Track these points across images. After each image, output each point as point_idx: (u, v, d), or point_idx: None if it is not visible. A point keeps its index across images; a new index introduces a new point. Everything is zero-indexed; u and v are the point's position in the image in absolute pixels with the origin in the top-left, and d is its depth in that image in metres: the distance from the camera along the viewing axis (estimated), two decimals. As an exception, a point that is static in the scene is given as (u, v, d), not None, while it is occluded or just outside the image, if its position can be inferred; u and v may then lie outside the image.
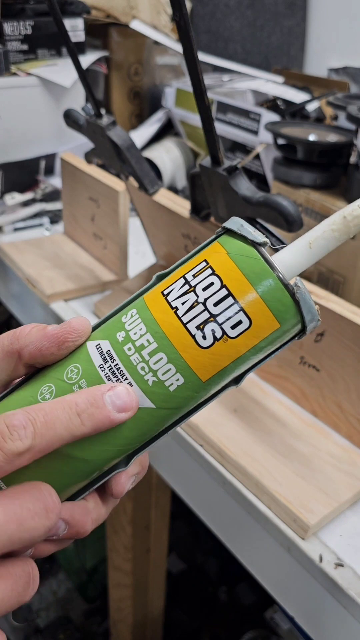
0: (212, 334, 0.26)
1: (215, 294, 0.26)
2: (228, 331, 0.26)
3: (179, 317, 0.27)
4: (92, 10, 1.22)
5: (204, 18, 1.50)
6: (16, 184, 1.11)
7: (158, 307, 0.27)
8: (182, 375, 0.27)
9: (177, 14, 0.41)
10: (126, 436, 0.27)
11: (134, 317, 0.27)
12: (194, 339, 0.26)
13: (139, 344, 0.27)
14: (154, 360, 0.27)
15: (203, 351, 0.27)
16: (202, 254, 0.28)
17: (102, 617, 1.28)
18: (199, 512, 0.65)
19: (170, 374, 0.27)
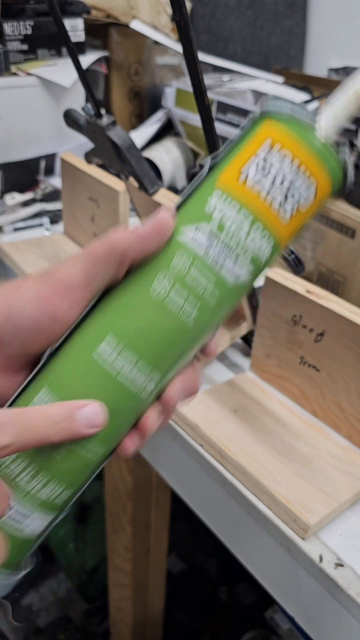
0: (291, 208, 0.30)
1: (290, 172, 0.29)
2: (302, 203, 0.30)
3: (262, 197, 0.29)
4: (92, 10, 1.22)
5: (204, 18, 1.50)
6: (16, 184, 1.11)
7: (240, 192, 0.30)
8: (270, 247, 0.31)
9: (177, 14, 0.41)
10: (231, 307, 0.32)
11: (220, 205, 0.30)
12: (278, 214, 0.30)
13: (234, 228, 0.30)
14: (249, 239, 0.30)
15: (284, 223, 0.30)
16: (260, 135, 0.30)
17: (102, 617, 1.28)
18: (199, 512, 0.66)
19: (261, 248, 0.30)
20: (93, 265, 0.30)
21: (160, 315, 0.30)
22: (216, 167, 0.31)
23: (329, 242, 0.80)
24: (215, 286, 0.30)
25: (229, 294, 0.31)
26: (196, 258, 0.30)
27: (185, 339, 0.31)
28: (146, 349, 0.30)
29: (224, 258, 0.30)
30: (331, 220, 0.79)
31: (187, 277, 0.30)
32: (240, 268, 0.30)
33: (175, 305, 0.30)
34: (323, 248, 0.81)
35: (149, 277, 0.30)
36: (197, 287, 0.30)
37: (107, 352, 0.30)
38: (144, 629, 1.09)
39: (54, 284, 0.31)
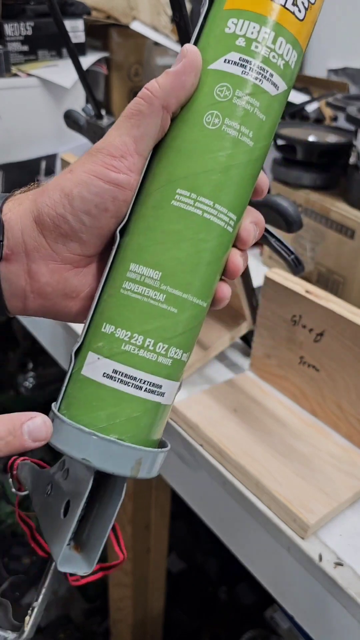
0: (303, 5, 0.31)
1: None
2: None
3: (277, 1, 0.30)
4: (93, 11, 1.22)
5: (204, 19, 1.50)
6: (17, 185, 1.10)
7: (254, 4, 0.30)
8: (295, 50, 0.31)
9: (177, 15, 0.41)
10: (276, 122, 0.32)
11: (239, 23, 0.30)
12: (294, 15, 0.31)
13: (261, 39, 0.30)
14: (278, 46, 0.30)
15: (301, 23, 0.31)
16: None
17: (102, 616, 1.28)
18: (199, 512, 0.66)
19: (289, 53, 0.31)
20: (138, 124, 0.30)
21: (223, 145, 0.30)
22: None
23: (329, 243, 0.80)
24: (261, 100, 0.30)
25: (275, 104, 0.31)
26: (236, 78, 0.30)
27: (252, 160, 0.31)
28: (218, 191, 0.30)
29: (261, 69, 0.30)
30: (331, 220, 0.79)
31: (234, 99, 0.30)
32: (278, 75, 0.31)
33: (234, 129, 0.30)
34: (323, 248, 0.81)
35: (199, 114, 0.30)
36: (247, 106, 0.30)
37: (184, 203, 0.30)
38: (144, 629, 1.09)
39: (104, 157, 0.30)
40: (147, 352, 0.30)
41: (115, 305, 0.31)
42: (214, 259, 0.31)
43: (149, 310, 0.30)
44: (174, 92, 0.29)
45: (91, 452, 0.30)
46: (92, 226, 0.31)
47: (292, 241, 0.85)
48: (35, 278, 0.32)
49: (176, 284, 0.30)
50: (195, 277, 0.31)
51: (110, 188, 0.30)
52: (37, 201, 0.32)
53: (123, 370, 0.30)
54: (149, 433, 0.32)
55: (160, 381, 0.31)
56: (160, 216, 0.30)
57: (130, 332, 0.30)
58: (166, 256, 0.30)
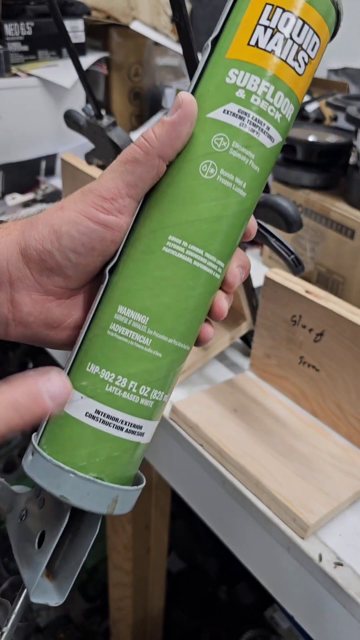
0: (303, 60, 0.31)
1: (295, 27, 0.31)
2: (310, 54, 0.32)
3: (278, 56, 0.31)
4: (93, 11, 1.22)
5: (204, 19, 1.50)
6: (17, 185, 1.11)
7: (256, 57, 0.31)
8: (293, 104, 0.32)
9: (177, 15, 0.41)
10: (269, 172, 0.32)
11: (240, 74, 0.31)
12: (294, 70, 0.31)
13: (261, 92, 0.30)
14: (276, 100, 0.31)
15: (300, 77, 0.32)
16: (258, 2, 0.31)
17: (102, 616, 1.28)
18: (199, 512, 0.66)
19: (287, 107, 0.31)
20: (133, 171, 0.30)
21: (217, 195, 0.31)
22: (219, 42, 0.32)
23: (329, 243, 0.80)
24: (257, 152, 0.31)
25: (269, 156, 0.32)
26: (234, 130, 0.30)
27: (243, 210, 0.32)
28: (209, 239, 0.31)
29: (258, 122, 0.31)
30: (331, 220, 0.79)
31: (231, 150, 0.30)
32: (274, 129, 0.31)
33: (228, 180, 0.31)
34: (323, 248, 0.81)
35: (195, 162, 0.31)
36: (242, 157, 0.31)
37: (175, 250, 0.31)
38: (144, 629, 1.09)
39: (95, 198, 0.31)
40: (130, 395, 0.31)
41: (101, 346, 0.31)
42: (200, 305, 0.32)
43: (134, 353, 0.31)
44: (170, 142, 0.30)
45: (69, 489, 0.30)
46: (78, 263, 0.31)
47: (292, 241, 0.85)
48: (17, 307, 0.32)
49: (162, 329, 0.31)
50: (181, 322, 0.31)
51: (99, 229, 0.31)
52: (25, 234, 0.32)
53: (105, 411, 0.30)
54: (127, 471, 0.32)
55: (141, 422, 0.31)
56: (151, 261, 0.31)
57: (114, 374, 0.30)
58: (154, 302, 0.31)
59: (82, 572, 1.11)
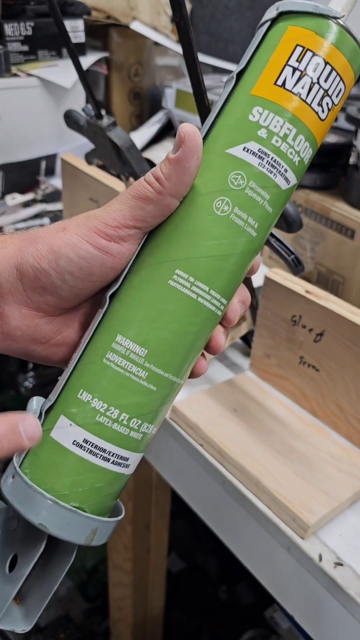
0: (327, 106, 0.31)
1: (323, 72, 0.30)
2: (334, 100, 0.31)
3: (303, 100, 0.30)
4: (93, 11, 1.22)
5: (204, 19, 1.50)
6: (17, 185, 1.11)
7: (282, 98, 0.30)
8: (312, 148, 0.32)
9: (177, 15, 0.41)
10: (280, 212, 0.32)
11: (264, 113, 0.30)
12: (317, 115, 0.31)
13: (283, 134, 0.30)
14: (297, 143, 0.31)
15: (322, 122, 0.31)
16: (287, 42, 0.31)
17: (103, 616, 1.28)
18: (199, 512, 0.66)
19: (306, 150, 0.31)
20: (143, 207, 0.30)
21: (229, 233, 0.30)
22: (245, 77, 0.31)
23: (329, 243, 0.80)
24: (272, 193, 0.31)
25: (282, 198, 0.32)
26: (252, 169, 0.30)
27: (252, 249, 0.31)
28: (216, 277, 0.31)
29: (277, 164, 0.30)
30: (331, 220, 0.79)
31: (247, 189, 0.30)
32: (291, 171, 0.31)
33: (241, 219, 0.30)
34: (323, 248, 0.81)
35: (209, 198, 0.30)
36: (257, 198, 0.30)
37: (181, 285, 0.30)
38: (144, 628, 1.09)
39: (99, 224, 0.30)
40: (120, 426, 0.30)
41: (95, 374, 0.30)
42: (198, 341, 0.32)
43: (129, 385, 0.30)
44: (180, 180, 0.29)
45: (48, 518, 0.29)
46: (74, 286, 0.31)
47: (292, 241, 0.85)
48: (5, 320, 0.32)
49: (159, 363, 0.30)
50: (178, 357, 0.31)
51: (99, 254, 0.30)
52: (23, 249, 0.31)
53: (94, 441, 0.30)
54: (108, 501, 0.32)
55: (128, 454, 0.31)
56: (154, 293, 0.30)
57: (106, 405, 0.30)
58: (154, 335, 0.30)
59: (82, 572, 1.11)
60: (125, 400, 0.30)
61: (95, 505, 0.31)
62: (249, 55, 0.31)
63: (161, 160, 0.30)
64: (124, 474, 0.32)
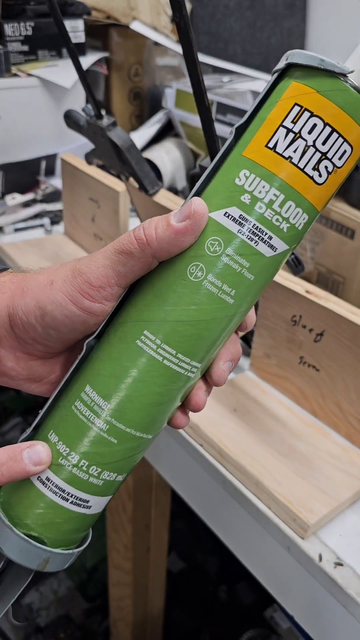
0: (326, 170, 0.29)
1: (321, 134, 0.28)
2: (336, 163, 0.29)
3: (295, 164, 0.28)
4: (93, 11, 1.22)
5: (204, 19, 1.50)
6: (17, 185, 1.11)
7: (271, 161, 0.29)
8: (307, 214, 0.30)
9: (177, 15, 0.41)
10: (270, 279, 0.31)
11: (250, 177, 0.29)
12: (312, 179, 0.29)
13: (268, 200, 0.29)
14: (285, 210, 0.29)
15: (320, 187, 0.29)
16: (287, 99, 0.29)
17: (103, 616, 1.28)
18: (199, 512, 0.66)
19: (298, 216, 0.29)
20: (125, 263, 0.30)
21: (199, 300, 0.30)
22: (243, 134, 0.30)
23: (329, 243, 0.80)
24: (252, 261, 0.30)
25: (267, 266, 0.30)
26: (230, 235, 0.29)
27: (228, 315, 0.31)
28: (184, 342, 0.30)
29: (259, 231, 0.29)
30: (331, 220, 0.79)
31: (223, 256, 0.29)
32: (278, 238, 0.30)
33: (214, 286, 0.30)
34: (323, 248, 0.81)
35: (185, 262, 0.30)
36: (234, 265, 0.29)
37: (147, 346, 0.30)
38: (144, 628, 1.09)
39: (84, 285, 0.31)
40: (79, 471, 0.31)
41: (63, 418, 0.32)
42: (167, 401, 0.31)
43: (90, 434, 0.31)
44: (168, 248, 0.29)
45: (6, 542, 0.31)
46: (59, 339, 0.33)
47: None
48: (1, 361, 0.34)
49: (121, 419, 0.31)
50: (141, 415, 0.31)
51: (82, 314, 0.31)
52: (15, 299, 0.33)
53: (55, 481, 0.31)
54: (71, 535, 0.33)
55: (88, 497, 0.32)
56: (123, 350, 0.31)
57: (69, 449, 0.31)
58: (118, 391, 0.31)
59: (82, 571, 1.11)
60: (85, 449, 0.31)
61: (55, 538, 0.32)
62: (251, 110, 0.30)
63: (161, 160, 0.30)
64: (85, 513, 0.32)
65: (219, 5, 1.50)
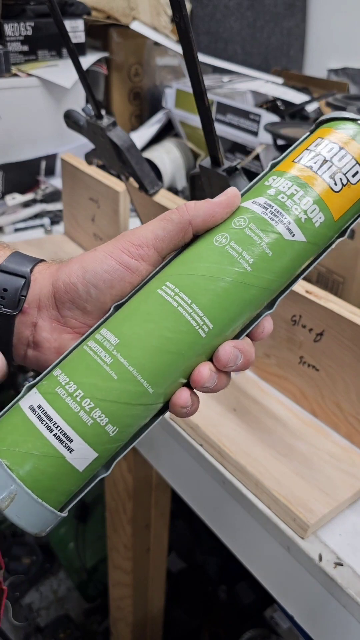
0: (341, 181, 0.35)
1: (337, 154, 0.36)
2: (350, 179, 0.35)
3: (314, 171, 0.35)
4: (93, 11, 1.22)
5: (204, 19, 1.51)
6: (17, 185, 1.11)
7: (295, 169, 0.36)
8: (323, 214, 0.35)
9: (177, 15, 0.41)
10: (287, 268, 0.35)
11: (277, 179, 0.36)
12: (329, 185, 0.35)
13: (289, 193, 0.35)
14: (304, 203, 0.34)
15: (336, 194, 0.35)
16: (313, 137, 0.37)
17: (103, 616, 1.28)
18: (199, 511, 0.66)
19: (315, 213, 0.35)
20: (164, 227, 0.34)
21: (219, 259, 0.33)
22: (279, 164, 0.37)
23: (329, 243, 0.80)
24: (271, 238, 0.34)
25: (287, 248, 0.34)
26: (254, 214, 0.34)
27: (244, 283, 0.33)
28: (200, 294, 0.33)
29: (279, 213, 0.34)
30: (330, 220, 0.79)
31: (246, 229, 0.34)
32: (295, 225, 0.34)
33: (235, 251, 0.33)
34: (322, 248, 0.81)
35: (213, 234, 0.34)
36: (255, 237, 0.34)
37: (166, 293, 0.33)
38: (144, 628, 1.09)
39: (125, 243, 0.35)
40: (72, 401, 0.31)
41: (73, 356, 0.34)
42: (174, 351, 0.32)
43: (93, 366, 0.32)
44: (203, 216, 0.34)
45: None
46: (97, 299, 0.35)
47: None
48: (38, 331, 0.36)
49: (127, 355, 0.32)
50: (146, 357, 0.32)
51: (120, 268, 0.34)
52: (60, 269, 0.36)
53: (45, 408, 0.32)
54: (41, 481, 0.31)
55: (72, 435, 0.31)
56: (143, 297, 0.34)
57: (68, 379, 0.32)
58: (129, 329, 0.33)
59: (82, 571, 1.11)
60: (84, 379, 0.32)
61: (27, 475, 0.31)
62: (289, 150, 0.38)
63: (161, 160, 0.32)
64: (64, 457, 0.31)
65: (219, 5, 1.50)
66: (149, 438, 0.33)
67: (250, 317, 0.35)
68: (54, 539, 1.31)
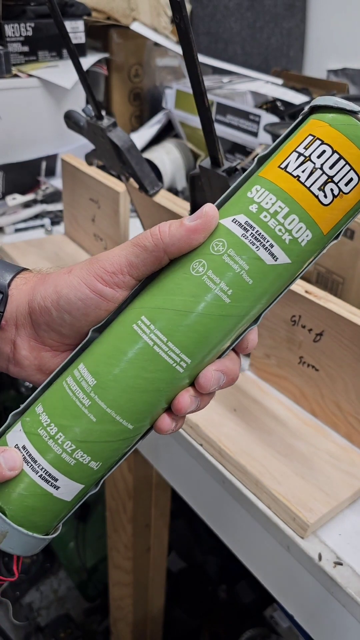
0: (331, 192, 0.31)
1: (329, 159, 0.31)
2: (343, 188, 0.31)
3: (302, 183, 0.31)
4: (93, 12, 1.22)
5: (204, 20, 1.51)
6: (17, 185, 1.11)
7: (281, 179, 0.32)
8: (311, 231, 0.32)
9: (177, 16, 0.41)
10: (269, 291, 0.32)
11: (260, 191, 0.32)
12: (317, 199, 0.31)
13: (273, 210, 0.31)
14: (288, 222, 0.31)
15: (325, 208, 0.31)
16: (303, 131, 0.32)
17: (103, 615, 1.28)
18: (199, 511, 0.66)
19: (301, 231, 0.31)
20: (138, 254, 0.33)
21: (196, 292, 0.31)
22: (265, 162, 0.33)
23: (328, 243, 0.80)
24: (252, 265, 0.31)
25: (266, 274, 0.32)
26: (234, 238, 0.31)
27: (223, 315, 0.32)
28: (176, 331, 0.31)
29: (261, 237, 0.31)
30: (330, 221, 0.79)
31: (224, 256, 0.31)
32: (280, 248, 0.31)
33: (213, 282, 0.31)
34: (322, 249, 0.81)
35: (189, 259, 0.32)
36: (234, 265, 0.31)
37: (142, 330, 0.32)
38: (144, 628, 1.09)
39: (98, 269, 0.33)
40: (54, 444, 0.32)
41: (53, 392, 0.33)
42: (151, 390, 0.32)
43: (72, 408, 0.32)
44: (178, 244, 0.32)
45: None
46: (72, 325, 0.34)
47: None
48: (17, 349, 0.36)
49: (104, 397, 0.32)
50: (124, 397, 0.32)
51: (94, 297, 0.33)
52: (35, 288, 0.35)
53: (30, 450, 0.32)
54: (32, 515, 0.33)
55: (57, 475, 0.32)
56: (119, 333, 0.33)
57: (49, 420, 0.32)
58: (105, 369, 0.32)
59: (82, 571, 1.11)
60: (65, 421, 0.32)
61: (17, 513, 0.32)
62: (275, 144, 0.34)
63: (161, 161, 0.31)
64: (52, 494, 0.32)
65: (219, 6, 1.50)
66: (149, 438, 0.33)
67: (232, 340, 0.34)
68: (55, 538, 1.31)
